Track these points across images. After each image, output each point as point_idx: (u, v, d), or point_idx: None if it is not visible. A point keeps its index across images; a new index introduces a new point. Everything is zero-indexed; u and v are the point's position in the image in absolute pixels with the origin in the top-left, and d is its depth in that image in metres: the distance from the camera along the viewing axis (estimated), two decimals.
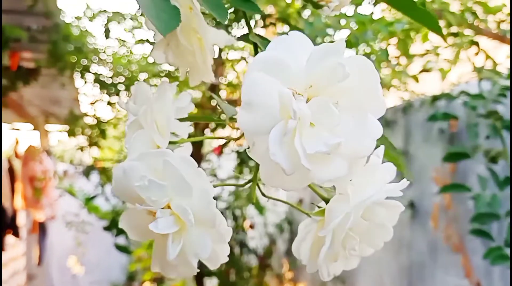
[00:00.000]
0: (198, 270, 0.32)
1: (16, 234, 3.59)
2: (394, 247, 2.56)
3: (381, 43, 1.99)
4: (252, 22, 1.67)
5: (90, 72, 2.45)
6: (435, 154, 2.14)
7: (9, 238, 3.64)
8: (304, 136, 0.28)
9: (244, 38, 0.40)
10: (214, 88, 2.37)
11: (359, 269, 2.84)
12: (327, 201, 0.33)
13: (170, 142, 0.37)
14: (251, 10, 0.38)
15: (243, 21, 1.67)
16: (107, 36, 2.04)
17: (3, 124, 3.95)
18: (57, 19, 2.16)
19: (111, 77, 2.48)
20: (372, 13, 1.79)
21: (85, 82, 2.50)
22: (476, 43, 1.71)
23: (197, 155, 2.36)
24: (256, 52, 0.40)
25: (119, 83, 2.49)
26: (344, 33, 1.66)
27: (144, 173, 0.31)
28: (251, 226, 3.61)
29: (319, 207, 0.33)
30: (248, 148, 0.30)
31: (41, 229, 3.60)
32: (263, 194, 0.37)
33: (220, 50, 2.26)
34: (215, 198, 0.31)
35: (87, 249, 3.44)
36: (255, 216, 3.55)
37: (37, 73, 2.53)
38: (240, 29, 1.75)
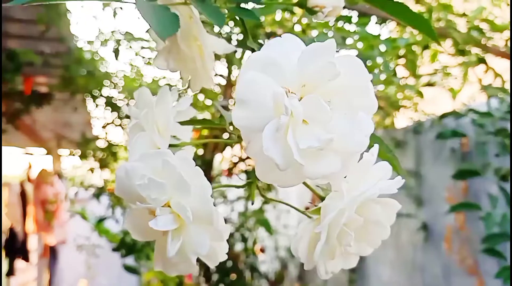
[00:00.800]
0: (197, 268, 0.32)
1: (26, 258, 3.60)
2: (408, 270, 2.51)
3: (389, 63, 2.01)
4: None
5: (102, 95, 2.49)
6: (447, 174, 2.12)
7: (20, 263, 3.65)
8: (297, 132, 0.29)
9: (242, 44, 0.41)
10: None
11: None
12: (323, 199, 0.33)
13: (171, 145, 0.38)
14: (249, 17, 0.39)
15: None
16: (116, 57, 2.08)
17: (16, 148, 4.02)
18: (70, 44, 2.21)
19: (122, 100, 2.52)
20: (379, 34, 1.81)
21: (97, 105, 2.54)
22: (484, 60, 1.71)
23: (207, 177, 2.37)
24: None
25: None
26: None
27: (145, 172, 0.32)
28: (262, 250, 3.58)
29: (316, 206, 0.34)
30: (245, 147, 0.31)
31: (52, 253, 3.61)
32: (262, 195, 0.37)
33: (229, 72, 2.29)
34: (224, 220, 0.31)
35: (98, 273, 3.43)
36: (265, 239, 3.52)
37: (50, 97, 2.57)
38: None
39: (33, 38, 2.24)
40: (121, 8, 2.01)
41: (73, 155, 2.82)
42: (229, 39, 1.67)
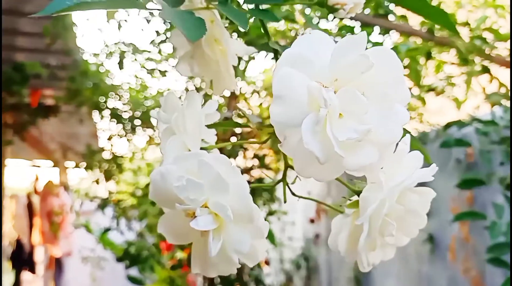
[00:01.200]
0: (239, 266, 0.32)
1: (32, 270, 3.60)
2: (414, 282, 2.50)
3: None
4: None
5: (107, 107, 2.50)
6: (453, 185, 2.12)
7: (27, 275, 3.64)
8: (334, 125, 0.29)
9: (264, 46, 0.41)
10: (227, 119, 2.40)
11: None
12: (358, 193, 0.34)
13: (200, 148, 0.38)
14: (269, 19, 0.40)
15: None
16: (121, 68, 2.09)
17: (23, 160, 4.03)
18: (76, 56, 2.23)
19: (127, 112, 2.53)
20: (382, 42, 1.82)
21: (102, 117, 2.55)
22: (487, 69, 1.72)
23: None
24: (276, 59, 0.42)
25: (135, 118, 2.54)
26: None
27: (181, 174, 0.32)
28: (267, 262, 3.56)
29: (350, 200, 0.34)
30: (279, 143, 0.31)
31: (57, 265, 3.60)
32: (293, 193, 0.38)
33: None
34: None
35: (103, 285, 3.41)
36: (270, 251, 3.50)
37: (57, 109, 2.59)
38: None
39: (40, 51, 2.26)
40: (125, 20, 2.03)
41: (79, 167, 2.83)
42: None
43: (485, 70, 1.74)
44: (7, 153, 2.89)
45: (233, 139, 2.20)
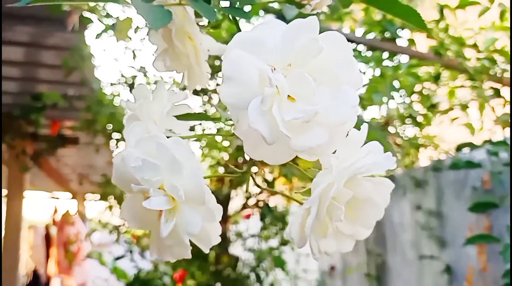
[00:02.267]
0: (191, 248, 0.32)
1: None
2: None
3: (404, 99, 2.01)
4: None
5: (123, 137, 2.54)
6: (470, 213, 2.06)
7: None
8: (283, 106, 0.29)
9: None
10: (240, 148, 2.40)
11: None
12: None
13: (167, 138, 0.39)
14: (241, 16, 0.40)
15: None
16: (131, 91, 2.14)
17: (43, 192, 4.10)
18: (94, 87, 2.29)
19: None
20: (384, 59, 1.81)
21: (118, 146, 2.59)
22: (499, 93, 1.70)
23: (223, 215, 2.36)
24: None
25: None
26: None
27: (139, 156, 0.33)
28: None
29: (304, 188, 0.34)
30: (233, 126, 0.31)
31: None
32: (256, 184, 0.38)
33: None
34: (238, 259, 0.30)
35: None
36: (284, 283, 3.42)
37: (76, 140, 2.64)
38: None
39: (61, 83, 2.33)
40: (139, 50, 2.09)
41: (94, 200, 2.86)
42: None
43: (497, 93, 1.72)
44: (26, 184, 2.94)
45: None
